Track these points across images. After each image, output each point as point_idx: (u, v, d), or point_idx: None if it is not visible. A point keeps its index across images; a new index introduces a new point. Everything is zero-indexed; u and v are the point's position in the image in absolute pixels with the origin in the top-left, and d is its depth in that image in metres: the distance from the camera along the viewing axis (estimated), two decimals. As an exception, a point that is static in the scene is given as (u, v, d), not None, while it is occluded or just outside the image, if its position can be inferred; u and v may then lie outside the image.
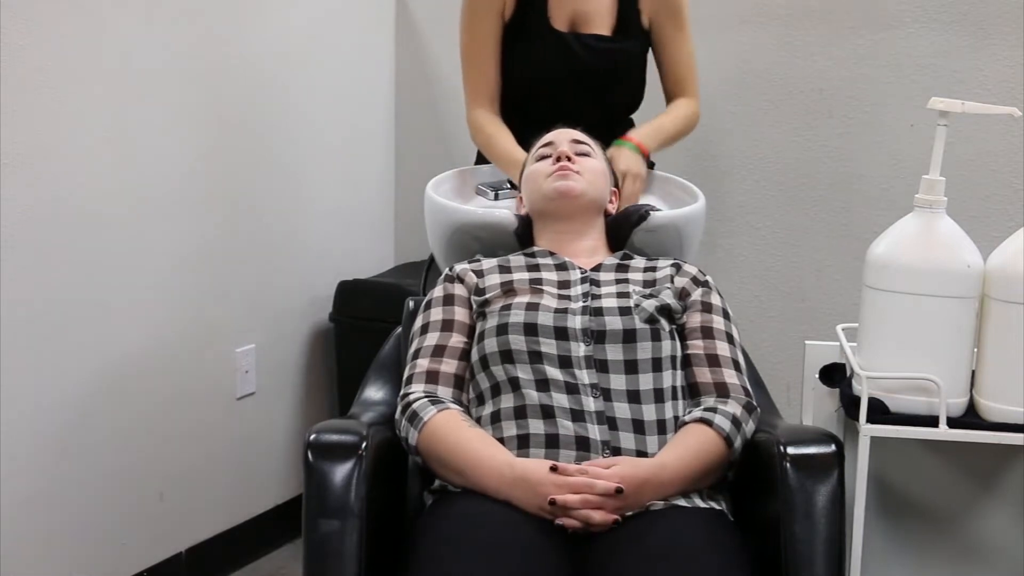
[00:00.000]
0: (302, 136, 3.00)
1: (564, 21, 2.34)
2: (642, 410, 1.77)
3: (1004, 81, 2.76)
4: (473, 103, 2.36)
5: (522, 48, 2.34)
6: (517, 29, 2.34)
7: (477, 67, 2.35)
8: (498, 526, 1.61)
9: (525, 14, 2.33)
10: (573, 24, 2.35)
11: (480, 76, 2.35)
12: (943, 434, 1.84)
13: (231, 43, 2.73)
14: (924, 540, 2.12)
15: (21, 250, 2.25)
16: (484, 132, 2.34)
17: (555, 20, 2.34)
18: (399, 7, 3.33)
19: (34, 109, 2.25)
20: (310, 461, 1.67)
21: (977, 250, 1.87)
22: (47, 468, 2.37)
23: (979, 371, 1.90)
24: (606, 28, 2.35)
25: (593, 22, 2.35)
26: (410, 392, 1.82)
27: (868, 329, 1.91)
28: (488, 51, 2.34)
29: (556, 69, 2.33)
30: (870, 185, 2.91)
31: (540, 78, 2.34)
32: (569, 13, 2.34)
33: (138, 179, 2.50)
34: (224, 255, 2.77)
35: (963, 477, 2.09)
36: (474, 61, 2.36)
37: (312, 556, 1.63)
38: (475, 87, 2.36)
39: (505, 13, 2.34)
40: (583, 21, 2.35)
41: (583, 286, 1.90)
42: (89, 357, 2.43)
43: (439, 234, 2.19)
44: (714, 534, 1.65)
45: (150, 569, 2.64)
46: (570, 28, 2.35)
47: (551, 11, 2.33)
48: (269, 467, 2.99)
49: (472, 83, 2.37)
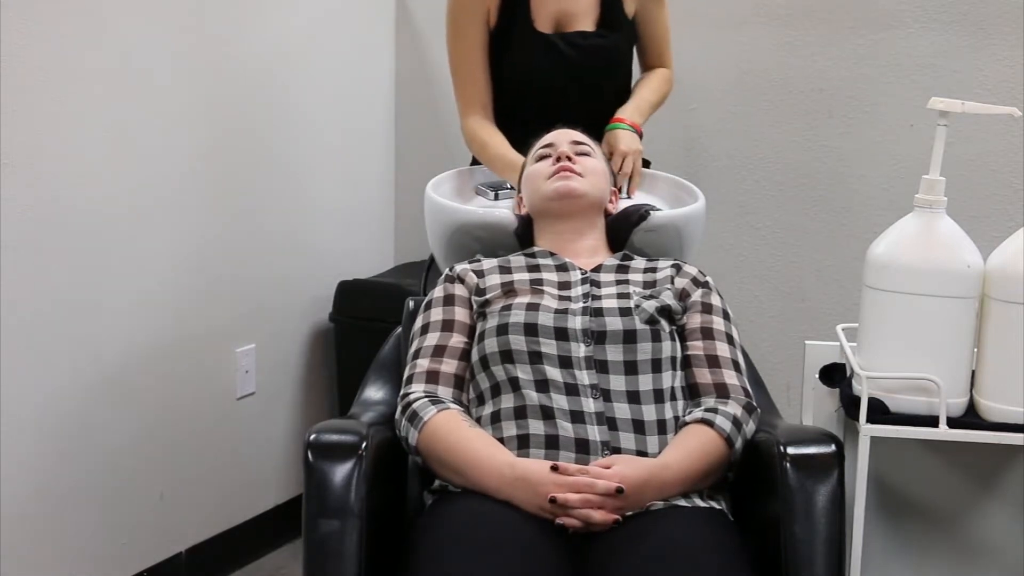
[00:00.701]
0: (302, 136, 3.00)
1: (548, 22, 2.34)
2: (642, 410, 1.77)
3: (1004, 81, 2.76)
4: (466, 112, 2.37)
5: (509, 54, 2.34)
6: (503, 35, 2.34)
7: (466, 76, 2.36)
8: (498, 526, 1.61)
9: (509, 20, 2.33)
10: (557, 24, 2.35)
11: (471, 85, 2.35)
12: (943, 434, 1.84)
13: (231, 43, 2.73)
14: (924, 540, 2.12)
15: (21, 250, 2.25)
16: (478, 139, 2.34)
17: (539, 22, 2.34)
18: (399, 7, 3.33)
19: (34, 109, 2.25)
20: (310, 461, 1.67)
21: (977, 250, 1.87)
22: (47, 468, 2.37)
23: (979, 371, 1.90)
24: (590, 24, 2.36)
25: (577, 20, 2.35)
26: (410, 392, 1.82)
27: (868, 329, 1.91)
28: (475, 60, 2.34)
29: (545, 71, 2.33)
30: (870, 185, 2.91)
31: (530, 81, 2.35)
32: (552, 14, 2.34)
33: (138, 179, 2.50)
34: (224, 255, 2.77)
35: (963, 477, 2.09)
36: (463, 71, 2.36)
37: (312, 556, 1.63)
38: (466, 96, 2.36)
39: (490, 20, 2.34)
40: (567, 20, 2.35)
41: (583, 287, 1.90)
42: (89, 357, 2.43)
43: (439, 234, 2.19)
44: (714, 534, 1.65)
45: (150, 569, 2.64)
46: (555, 29, 2.34)
47: (534, 14, 2.33)
48: (269, 467, 2.99)
49: (463, 93, 2.37)
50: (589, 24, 2.36)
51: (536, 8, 2.33)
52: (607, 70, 2.38)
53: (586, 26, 2.35)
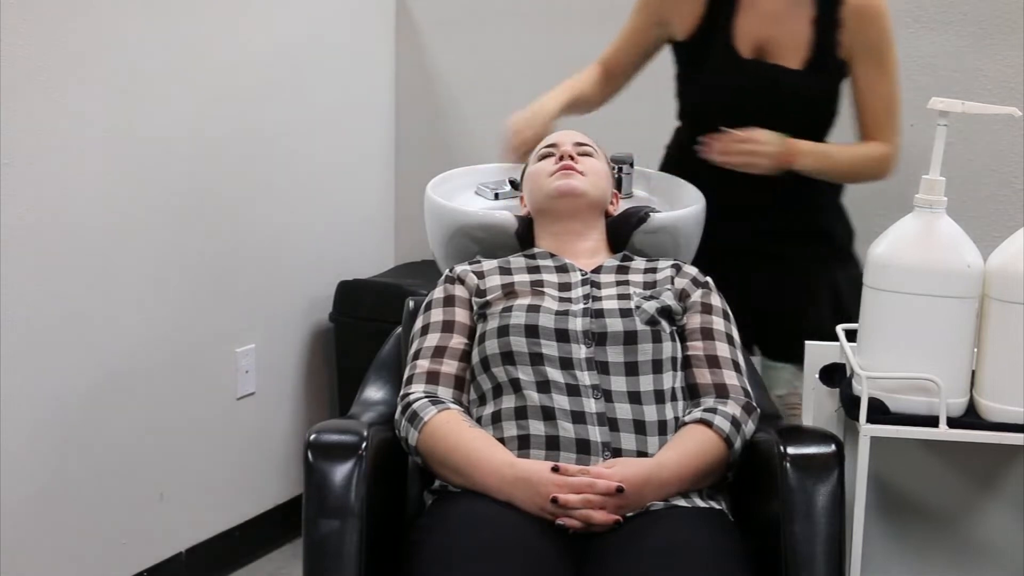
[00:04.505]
0: (302, 136, 3.00)
1: (750, 45, 2.17)
2: (643, 411, 1.77)
3: (1004, 81, 2.76)
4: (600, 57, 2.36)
5: (697, 69, 2.21)
6: (697, 47, 2.21)
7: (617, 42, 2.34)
8: (498, 527, 1.61)
9: (709, 31, 2.19)
10: (760, 50, 2.17)
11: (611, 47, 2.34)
12: (943, 434, 1.84)
13: (232, 43, 2.73)
14: (924, 540, 2.12)
15: (21, 249, 2.25)
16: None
17: (740, 42, 2.17)
18: (399, 8, 3.33)
19: (34, 109, 2.25)
20: (310, 461, 1.67)
21: (977, 250, 1.87)
22: (47, 468, 2.37)
23: (979, 371, 1.89)
24: (796, 60, 2.17)
25: (783, 52, 2.17)
26: (410, 392, 1.82)
27: (868, 329, 1.91)
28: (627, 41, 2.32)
29: (728, 98, 2.18)
30: (870, 185, 2.90)
31: (713, 101, 2.21)
32: (757, 38, 2.17)
33: (138, 179, 2.50)
34: (224, 255, 2.77)
35: (963, 477, 2.09)
36: (618, 39, 2.34)
37: (312, 556, 1.63)
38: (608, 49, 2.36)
39: (680, 31, 2.22)
40: (772, 49, 2.17)
41: (584, 288, 1.90)
42: (89, 357, 2.43)
43: (439, 235, 2.19)
44: (714, 534, 1.65)
45: (150, 569, 2.64)
46: (755, 54, 2.17)
47: (737, 31, 2.17)
48: (269, 467, 2.99)
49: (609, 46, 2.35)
50: (795, 60, 2.17)
51: (741, 26, 2.17)
52: (799, 116, 2.18)
53: (791, 62, 2.17)
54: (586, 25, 3.08)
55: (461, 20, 3.29)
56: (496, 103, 3.21)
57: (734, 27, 2.19)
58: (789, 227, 2.28)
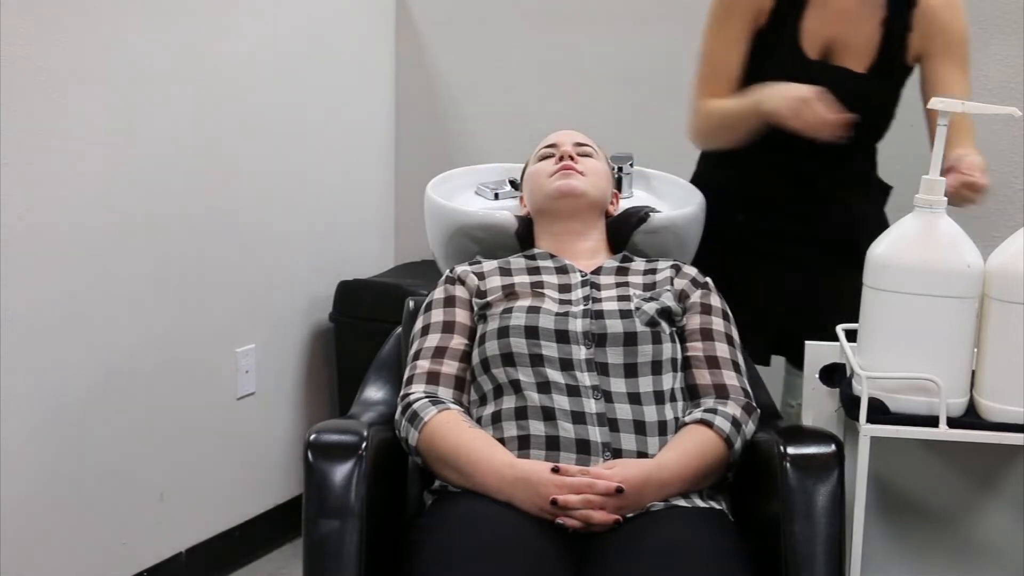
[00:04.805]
0: (302, 136, 3.00)
1: (817, 46, 2.12)
2: (643, 411, 1.77)
3: (1004, 81, 2.76)
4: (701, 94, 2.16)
5: (760, 64, 2.13)
6: (763, 44, 2.14)
7: (717, 66, 2.14)
8: (498, 526, 1.61)
9: (777, 28, 2.13)
10: (827, 51, 2.13)
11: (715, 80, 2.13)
12: (943, 434, 1.84)
13: (232, 43, 2.73)
14: (924, 540, 2.12)
15: (21, 249, 2.25)
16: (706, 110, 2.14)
17: (807, 42, 2.12)
18: (399, 8, 3.33)
19: (34, 109, 2.25)
20: (310, 461, 1.67)
21: (977, 250, 1.87)
22: (47, 468, 2.37)
23: (979, 371, 1.89)
24: (862, 64, 2.13)
25: (850, 54, 2.13)
26: (410, 392, 1.82)
27: (868, 329, 1.91)
28: (732, 56, 2.12)
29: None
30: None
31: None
32: (825, 38, 2.12)
33: (138, 179, 2.50)
34: (224, 255, 2.77)
35: (963, 477, 2.09)
36: (714, 60, 2.15)
37: (312, 556, 1.63)
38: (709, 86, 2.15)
39: (759, 20, 2.13)
40: (839, 50, 2.13)
41: (584, 289, 1.90)
42: (89, 357, 2.43)
43: (439, 235, 2.19)
44: (714, 534, 1.65)
45: (150, 569, 2.64)
46: (822, 55, 2.13)
47: (805, 30, 2.11)
48: (269, 467, 2.99)
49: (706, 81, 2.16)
50: (861, 64, 2.13)
51: (809, 25, 2.11)
52: (865, 119, 2.10)
53: (857, 65, 2.13)
54: (586, 25, 3.09)
55: (461, 20, 3.29)
56: (496, 103, 3.23)
57: (802, 25, 2.13)
58: (830, 234, 2.24)
